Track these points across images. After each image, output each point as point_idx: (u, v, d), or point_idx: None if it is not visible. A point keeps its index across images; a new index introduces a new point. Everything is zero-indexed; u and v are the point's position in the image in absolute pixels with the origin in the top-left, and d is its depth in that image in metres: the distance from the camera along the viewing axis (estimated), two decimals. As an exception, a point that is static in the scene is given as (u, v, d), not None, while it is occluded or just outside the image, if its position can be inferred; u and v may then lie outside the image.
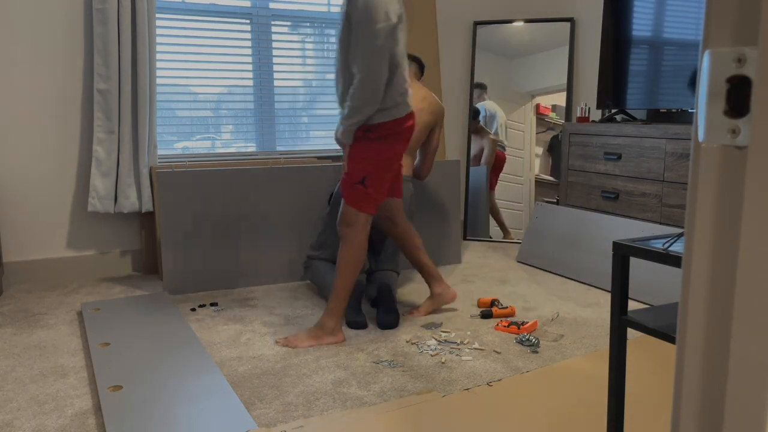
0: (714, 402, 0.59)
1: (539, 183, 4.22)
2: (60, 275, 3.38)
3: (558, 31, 4.21)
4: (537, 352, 2.35)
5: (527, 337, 2.44)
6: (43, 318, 2.76)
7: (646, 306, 2.65)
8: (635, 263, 2.98)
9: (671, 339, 1.32)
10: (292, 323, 2.69)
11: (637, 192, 3.35)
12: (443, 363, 2.24)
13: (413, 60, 3.18)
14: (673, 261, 1.31)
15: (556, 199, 4.11)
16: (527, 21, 4.25)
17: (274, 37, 3.82)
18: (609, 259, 3.19)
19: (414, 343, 2.44)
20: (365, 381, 2.10)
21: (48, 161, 3.31)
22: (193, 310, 2.86)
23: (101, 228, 3.46)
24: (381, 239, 3.01)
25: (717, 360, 0.58)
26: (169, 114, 3.62)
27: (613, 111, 3.80)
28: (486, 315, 2.72)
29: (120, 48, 3.23)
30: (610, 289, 2.64)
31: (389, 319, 2.61)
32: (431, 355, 2.32)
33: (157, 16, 3.48)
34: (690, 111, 3.52)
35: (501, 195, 4.29)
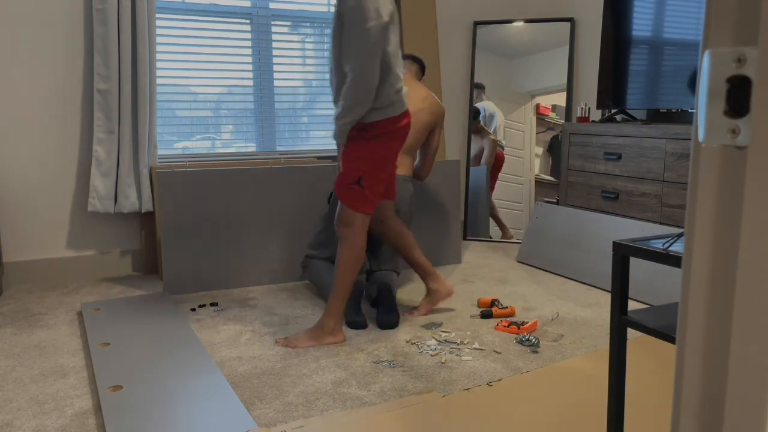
0: (714, 402, 0.59)
1: (539, 183, 4.22)
2: (60, 275, 3.38)
3: (558, 31, 4.21)
4: (537, 352, 2.35)
5: (527, 337, 2.44)
6: (43, 318, 2.76)
7: (646, 306, 2.65)
8: (635, 263, 2.98)
9: (671, 339, 1.32)
10: (292, 323, 2.69)
11: (637, 192, 3.35)
12: (443, 363, 2.24)
13: (414, 60, 3.17)
14: (673, 261, 1.31)
15: (556, 199, 4.11)
16: (527, 21, 4.25)
17: (274, 37, 3.82)
18: (609, 259, 3.19)
19: (414, 343, 2.44)
20: (365, 381, 2.10)
21: (48, 161, 3.31)
22: (193, 310, 2.86)
23: (101, 228, 3.46)
24: (381, 239, 3.01)
25: (717, 360, 0.58)
26: (169, 114, 3.62)
27: (613, 111, 3.80)
28: (486, 315, 2.72)
29: (120, 48, 3.23)
30: (610, 289, 2.64)
31: (389, 319, 2.61)
32: (431, 355, 2.32)
33: (157, 16, 3.48)
34: (690, 111, 3.52)
35: (501, 195, 4.29)
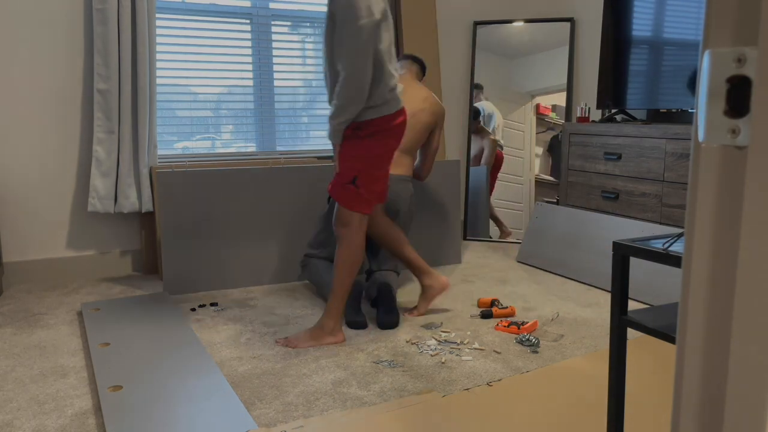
0: (714, 402, 0.59)
1: (539, 183, 4.22)
2: (60, 275, 3.38)
3: (558, 31, 4.21)
4: (537, 352, 2.35)
5: (527, 337, 2.44)
6: (43, 318, 2.76)
7: (646, 306, 2.65)
8: (635, 263, 2.98)
9: (671, 339, 1.32)
10: (292, 323, 2.69)
11: (637, 192, 3.35)
12: (443, 363, 2.24)
13: (414, 61, 3.18)
14: (673, 261, 1.31)
15: (556, 199, 4.11)
16: (527, 21, 4.25)
17: (274, 37, 3.82)
18: (609, 259, 3.19)
19: (414, 343, 2.44)
20: (365, 381, 2.10)
21: (48, 161, 3.31)
22: (193, 310, 2.86)
23: (101, 228, 3.46)
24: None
25: (717, 360, 0.58)
26: (169, 114, 3.62)
27: (613, 111, 3.80)
28: (486, 315, 2.72)
29: (120, 48, 3.23)
30: (610, 289, 2.64)
31: (389, 319, 2.61)
32: (431, 355, 2.32)
33: (157, 16, 3.48)
34: (690, 111, 3.52)
35: (501, 195, 4.29)
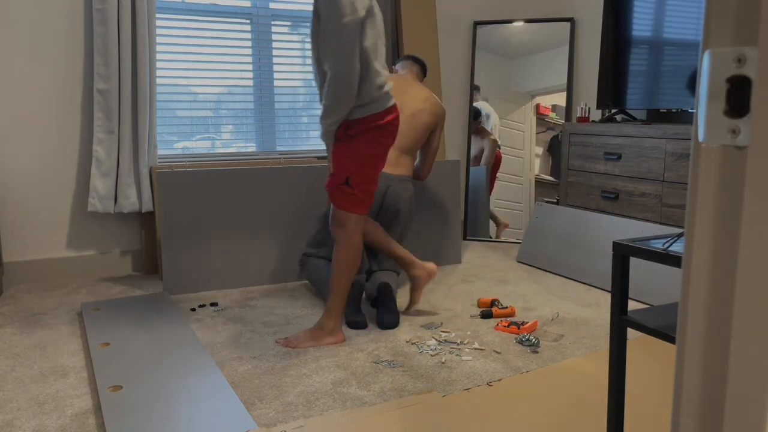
0: (714, 402, 0.59)
1: (539, 183, 4.22)
2: (60, 275, 3.38)
3: (558, 31, 4.21)
4: (537, 352, 2.35)
5: (527, 337, 2.44)
6: (43, 318, 2.76)
7: (646, 306, 2.65)
8: (635, 263, 2.98)
9: (671, 339, 1.32)
10: (292, 323, 2.69)
11: (637, 192, 3.35)
12: (443, 363, 2.24)
13: (415, 61, 3.18)
14: (673, 261, 1.31)
15: (556, 199, 4.11)
16: (527, 21, 4.25)
17: (274, 37, 3.82)
18: (609, 259, 3.19)
19: (414, 343, 2.44)
20: (365, 381, 2.10)
21: (48, 161, 3.31)
22: (193, 310, 2.86)
23: (101, 228, 3.46)
24: None
25: (717, 360, 0.58)
26: (169, 114, 3.62)
27: (613, 111, 3.80)
28: (486, 315, 2.72)
29: (120, 48, 3.23)
30: (610, 289, 2.64)
31: (389, 319, 2.61)
32: (431, 355, 2.32)
33: (157, 16, 3.48)
34: (690, 111, 3.52)
35: (501, 195, 4.29)
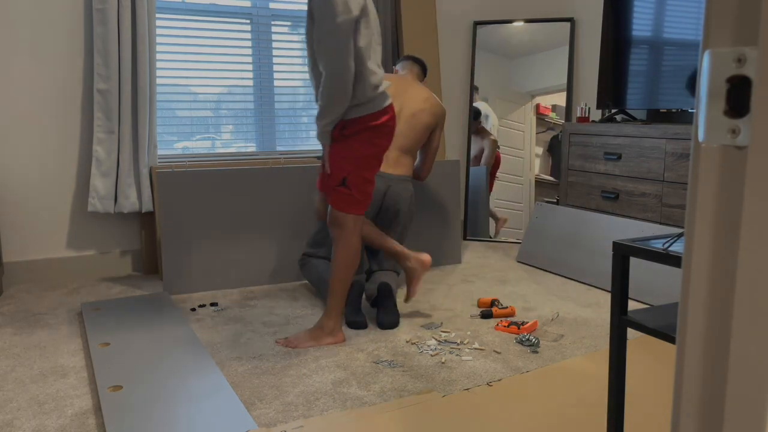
0: (714, 402, 0.59)
1: (539, 183, 4.22)
2: (60, 275, 3.38)
3: (558, 31, 4.21)
4: (537, 352, 2.35)
5: (527, 337, 2.44)
6: (43, 318, 2.76)
7: (646, 306, 2.65)
8: (635, 263, 2.98)
9: (671, 339, 1.32)
10: (292, 323, 2.69)
11: (637, 192, 3.35)
12: (443, 363, 2.24)
13: (415, 62, 3.18)
14: (673, 261, 1.31)
15: (556, 199, 4.11)
16: (527, 21, 4.24)
17: (274, 37, 3.82)
18: (609, 259, 3.19)
19: (414, 343, 2.44)
20: (365, 381, 2.10)
21: (48, 161, 3.31)
22: (193, 310, 2.86)
23: (101, 228, 3.46)
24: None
25: (717, 360, 0.58)
26: (169, 114, 3.62)
27: (613, 111, 3.80)
28: (486, 315, 2.72)
29: (120, 48, 3.23)
30: (610, 289, 2.64)
31: (389, 319, 2.61)
32: (431, 355, 2.32)
33: (157, 16, 3.48)
34: (690, 111, 3.52)
35: (501, 195, 4.29)
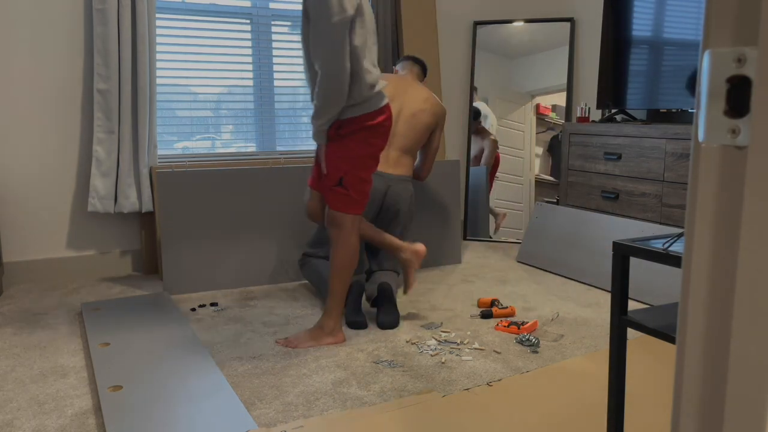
0: (714, 402, 0.59)
1: (539, 183, 4.22)
2: (60, 275, 3.38)
3: (558, 31, 4.21)
4: (537, 352, 2.35)
5: (527, 337, 2.44)
6: (43, 318, 2.76)
7: (646, 306, 2.65)
8: (635, 263, 2.98)
9: (671, 339, 1.32)
10: (292, 323, 2.69)
11: (637, 192, 3.35)
12: (443, 363, 2.24)
13: (415, 62, 3.18)
14: (673, 261, 1.31)
15: (556, 199, 4.11)
16: (527, 21, 4.24)
17: (274, 37, 3.82)
18: (609, 259, 3.19)
19: (414, 343, 2.44)
20: (365, 381, 2.10)
21: (48, 161, 3.31)
22: (193, 310, 2.86)
23: (101, 228, 3.46)
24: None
25: (717, 360, 0.58)
26: (169, 114, 3.62)
27: (613, 111, 3.80)
28: (486, 315, 2.72)
29: (120, 48, 3.23)
30: (610, 289, 2.64)
31: (389, 319, 2.61)
32: (431, 355, 2.32)
33: (157, 16, 3.48)
34: (690, 111, 3.52)
35: (501, 195, 4.29)
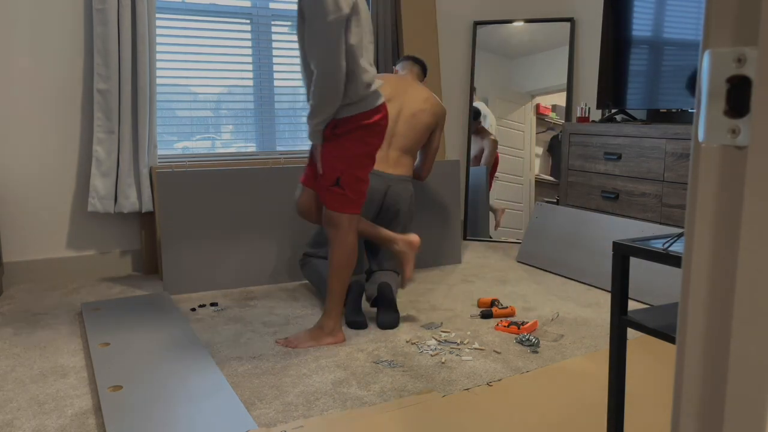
0: (714, 402, 0.59)
1: (539, 183, 4.22)
2: (60, 275, 3.38)
3: (558, 31, 4.21)
4: (537, 352, 2.35)
5: (527, 337, 2.44)
6: (43, 318, 2.76)
7: (646, 306, 2.65)
8: (635, 263, 2.98)
9: (671, 339, 1.32)
10: (292, 323, 2.69)
11: (637, 192, 3.35)
12: (443, 363, 2.24)
13: (415, 62, 3.18)
14: (673, 261, 1.31)
15: (556, 199, 4.11)
16: (527, 21, 4.24)
17: (274, 37, 3.82)
18: (609, 259, 3.19)
19: (414, 343, 2.44)
20: (365, 381, 2.10)
21: (48, 161, 3.31)
22: (193, 310, 2.86)
23: (101, 228, 3.46)
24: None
25: (717, 360, 0.58)
26: (169, 114, 3.62)
27: (613, 111, 3.80)
28: (486, 315, 2.72)
29: (120, 48, 3.23)
30: (610, 289, 2.64)
31: (389, 319, 2.61)
32: (431, 355, 2.32)
33: (157, 16, 3.48)
34: (690, 111, 3.52)
35: (501, 195, 4.29)
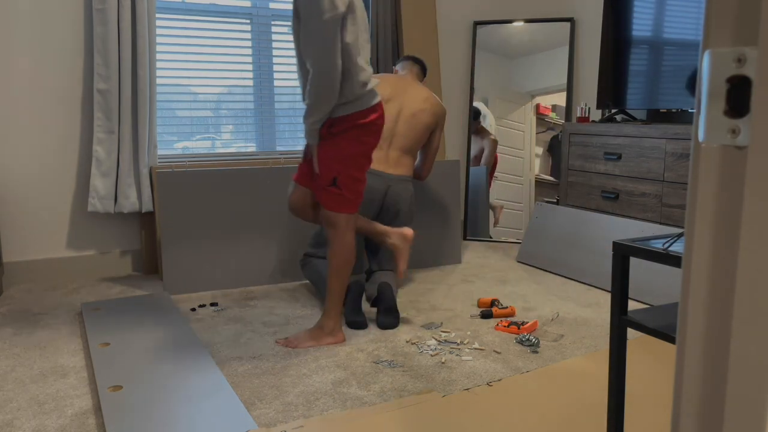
0: (714, 402, 0.59)
1: (539, 183, 4.22)
2: (60, 275, 3.38)
3: (558, 31, 4.21)
4: (537, 352, 2.35)
5: (527, 337, 2.44)
6: (43, 318, 2.76)
7: (646, 306, 2.65)
8: (635, 263, 2.98)
9: (671, 339, 1.32)
10: (292, 323, 2.69)
11: (637, 192, 3.35)
12: (443, 363, 2.24)
13: (415, 62, 3.18)
14: (673, 261, 1.31)
15: (556, 199, 4.11)
16: (527, 21, 4.24)
17: (274, 37, 3.82)
18: (609, 259, 3.19)
19: (414, 343, 2.44)
20: (365, 381, 2.10)
21: (48, 161, 3.31)
22: (193, 310, 2.86)
23: (101, 228, 3.46)
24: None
25: (717, 360, 0.58)
26: (169, 114, 3.62)
27: (613, 111, 3.80)
28: (486, 315, 2.72)
29: (120, 48, 3.23)
30: (610, 289, 2.64)
31: (389, 319, 2.61)
32: (431, 355, 2.32)
33: (157, 16, 3.48)
34: (690, 111, 3.52)
35: (501, 195, 4.29)
